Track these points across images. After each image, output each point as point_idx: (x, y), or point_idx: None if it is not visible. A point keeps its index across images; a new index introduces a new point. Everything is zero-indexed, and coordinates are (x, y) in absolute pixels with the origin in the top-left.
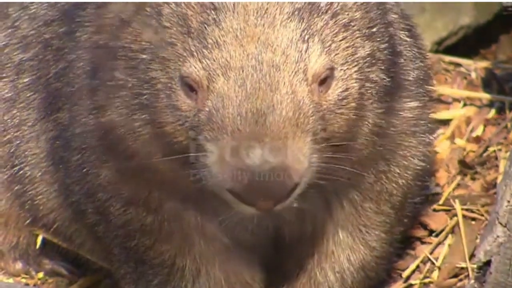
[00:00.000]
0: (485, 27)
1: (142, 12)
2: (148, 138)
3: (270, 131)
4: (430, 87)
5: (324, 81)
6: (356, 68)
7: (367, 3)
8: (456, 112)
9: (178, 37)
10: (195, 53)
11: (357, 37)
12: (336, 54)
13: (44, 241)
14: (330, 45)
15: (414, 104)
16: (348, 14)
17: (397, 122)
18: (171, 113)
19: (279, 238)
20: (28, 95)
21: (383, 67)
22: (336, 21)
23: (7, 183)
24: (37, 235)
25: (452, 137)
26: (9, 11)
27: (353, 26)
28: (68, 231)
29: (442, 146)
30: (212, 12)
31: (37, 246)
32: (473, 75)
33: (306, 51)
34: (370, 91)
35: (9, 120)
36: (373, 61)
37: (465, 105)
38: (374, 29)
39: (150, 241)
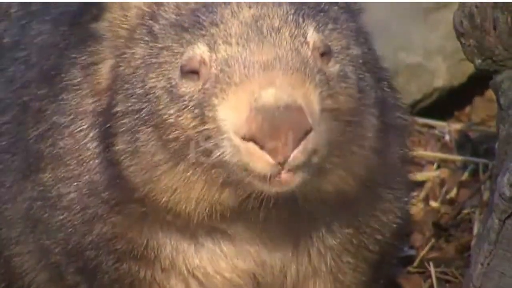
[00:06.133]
0: (459, 89)
1: (134, 35)
2: (154, 151)
3: (280, 76)
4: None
5: (324, 54)
6: (348, 59)
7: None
8: (430, 174)
9: (173, 37)
10: (192, 40)
11: (343, 28)
12: (330, 41)
13: None
14: (323, 30)
15: (397, 150)
16: (332, 10)
17: (384, 166)
18: (174, 104)
19: None
20: (6, 157)
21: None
22: (324, 14)
23: None
24: None
25: (426, 199)
26: None
27: (340, 20)
28: None
29: (416, 208)
30: (202, 7)
31: None
32: (447, 137)
33: (303, 22)
34: (364, 78)
35: None
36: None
37: (439, 167)
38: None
39: None
